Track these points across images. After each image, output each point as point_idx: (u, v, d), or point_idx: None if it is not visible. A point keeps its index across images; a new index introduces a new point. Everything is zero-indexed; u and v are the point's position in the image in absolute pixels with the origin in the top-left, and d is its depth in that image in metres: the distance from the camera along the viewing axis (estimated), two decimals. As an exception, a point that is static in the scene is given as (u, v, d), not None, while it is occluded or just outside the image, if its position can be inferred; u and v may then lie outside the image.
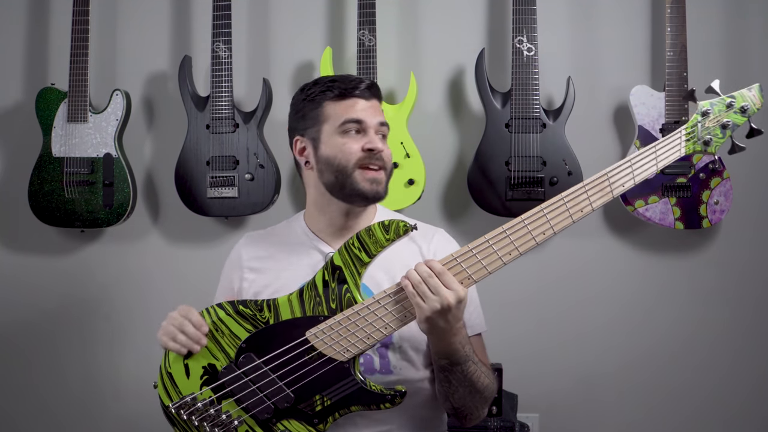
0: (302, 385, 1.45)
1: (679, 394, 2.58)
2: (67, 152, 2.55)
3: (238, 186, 2.49)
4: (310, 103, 1.65)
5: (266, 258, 1.72)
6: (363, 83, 1.63)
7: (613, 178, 1.42)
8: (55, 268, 2.73)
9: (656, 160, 1.44)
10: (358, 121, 1.60)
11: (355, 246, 1.46)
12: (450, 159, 2.62)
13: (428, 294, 1.39)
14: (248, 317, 1.50)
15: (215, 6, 2.50)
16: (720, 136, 1.47)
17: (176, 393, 1.51)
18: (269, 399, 1.47)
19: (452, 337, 1.44)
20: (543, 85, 2.49)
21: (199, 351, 1.50)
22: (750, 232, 2.56)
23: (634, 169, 1.42)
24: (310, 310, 1.47)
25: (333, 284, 1.47)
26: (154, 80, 2.71)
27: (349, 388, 1.45)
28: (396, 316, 1.44)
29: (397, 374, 1.60)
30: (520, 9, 2.41)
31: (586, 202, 1.41)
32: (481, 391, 1.54)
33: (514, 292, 2.57)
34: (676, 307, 2.58)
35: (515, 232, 1.41)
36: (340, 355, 1.45)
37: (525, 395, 2.44)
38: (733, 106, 1.46)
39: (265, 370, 1.47)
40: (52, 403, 2.74)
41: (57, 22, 2.71)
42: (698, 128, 1.46)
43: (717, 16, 2.55)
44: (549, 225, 1.40)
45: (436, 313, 1.39)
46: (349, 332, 1.44)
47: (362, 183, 1.59)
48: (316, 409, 1.46)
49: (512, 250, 1.41)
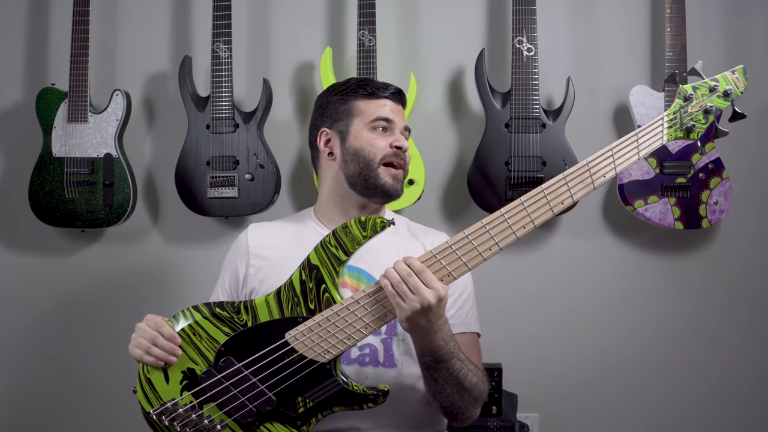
0: (284, 388, 1.44)
1: (678, 394, 2.58)
2: (67, 152, 2.55)
3: (238, 186, 2.49)
4: (340, 99, 1.73)
5: (272, 247, 1.73)
6: (393, 87, 1.74)
7: (594, 168, 1.37)
8: (55, 268, 2.73)
9: (638, 148, 1.39)
10: (387, 119, 1.68)
11: (332, 244, 1.44)
12: (450, 159, 2.62)
13: (408, 294, 1.37)
14: (225, 320, 1.48)
15: (215, 6, 2.50)
16: (703, 122, 1.42)
17: (156, 399, 1.49)
18: (251, 403, 1.45)
19: (434, 334, 1.43)
20: (543, 85, 2.49)
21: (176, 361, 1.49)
22: (750, 232, 2.56)
23: (615, 158, 1.38)
24: (288, 312, 1.45)
25: (311, 284, 1.45)
26: (154, 80, 2.71)
27: (332, 389, 1.43)
28: (376, 315, 1.42)
29: (400, 368, 1.61)
30: (520, 9, 2.41)
31: (567, 194, 1.36)
32: (469, 389, 1.53)
33: (514, 292, 2.57)
34: (676, 307, 2.58)
35: (495, 227, 1.37)
36: (321, 357, 1.43)
37: (525, 395, 2.45)
38: (717, 89, 1.42)
39: (245, 374, 1.45)
40: (52, 403, 2.74)
41: (57, 22, 2.71)
42: (680, 114, 1.42)
43: (717, 16, 2.55)
44: (529, 219, 1.37)
45: (417, 313, 1.37)
46: (329, 333, 1.42)
47: (385, 178, 1.65)
48: (299, 411, 1.45)
49: (492, 246, 1.37)
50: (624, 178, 2.42)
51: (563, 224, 2.57)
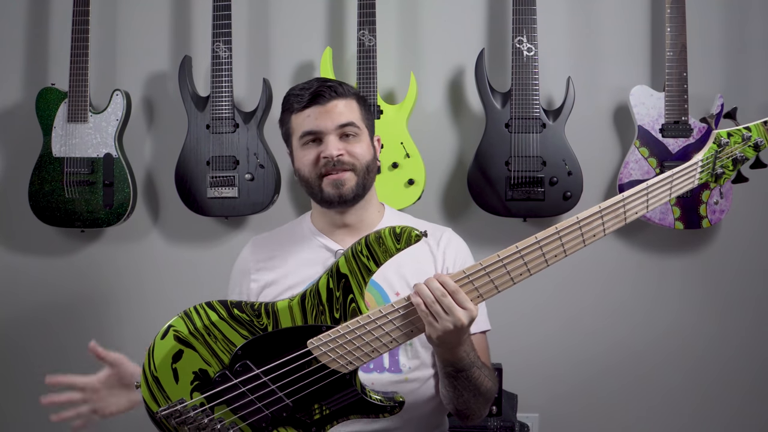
0: (302, 396, 1.42)
1: (678, 394, 2.58)
2: (67, 152, 2.55)
3: (238, 186, 2.49)
4: (282, 119, 1.71)
5: (272, 258, 1.74)
6: (311, 90, 1.63)
7: (628, 206, 1.40)
8: (55, 268, 2.73)
9: (671, 190, 1.42)
10: (310, 132, 1.63)
11: (363, 254, 1.39)
12: (450, 159, 2.62)
13: (442, 314, 1.35)
14: (244, 323, 1.43)
15: (215, 6, 2.50)
16: (731, 169, 1.46)
17: (164, 398, 1.44)
18: (267, 408, 1.42)
19: (459, 347, 1.43)
20: (543, 85, 2.49)
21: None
22: (750, 232, 2.56)
23: (649, 198, 1.41)
24: (312, 319, 1.41)
25: (338, 293, 1.41)
26: (154, 80, 2.71)
27: (350, 399, 1.42)
28: (403, 331, 1.40)
29: (406, 373, 1.62)
30: (520, 9, 2.41)
31: (600, 228, 1.39)
32: (484, 393, 1.55)
33: (514, 292, 2.54)
34: (676, 307, 2.58)
35: (529, 253, 1.38)
36: (344, 368, 1.41)
37: (525, 395, 2.45)
38: (749, 140, 1.45)
39: (264, 381, 1.42)
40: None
41: (57, 22, 2.71)
42: (713, 160, 1.44)
43: (717, 16, 2.55)
44: (562, 249, 1.39)
45: (448, 332, 1.36)
46: (353, 345, 1.40)
47: (327, 188, 1.62)
48: (315, 417, 1.43)
49: (524, 272, 1.39)
50: (624, 178, 2.42)
51: (563, 224, 2.57)
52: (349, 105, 1.66)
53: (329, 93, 1.63)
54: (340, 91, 1.64)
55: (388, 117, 2.47)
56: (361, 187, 1.64)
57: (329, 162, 1.61)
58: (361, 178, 1.64)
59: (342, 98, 1.64)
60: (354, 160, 1.63)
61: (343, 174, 1.62)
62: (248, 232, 2.64)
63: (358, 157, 1.64)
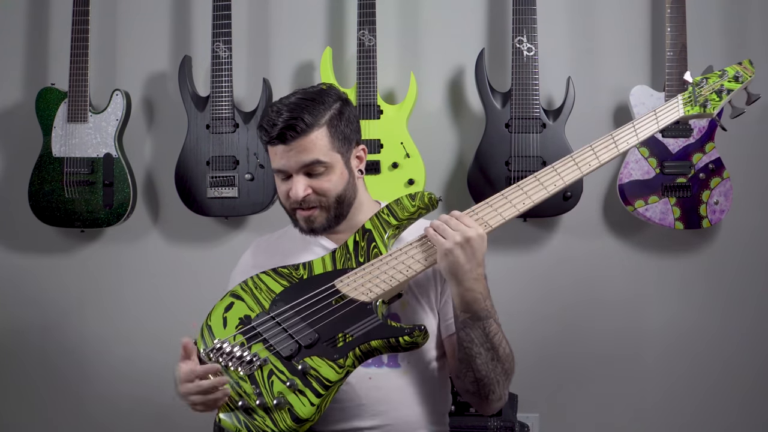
0: (326, 324, 1.53)
1: (678, 394, 2.58)
2: (67, 152, 2.55)
3: (238, 186, 2.49)
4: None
5: (272, 259, 1.73)
6: (278, 126, 1.57)
7: (618, 137, 1.58)
8: (55, 268, 2.73)
9: (657, 122, 1.57)
10: (279, 170, 1.63)
11: (384, 213, 1.61)
12: (450, 159, 2.62)
13: (448, 231, 1.50)
14: (285, 275, 1.60)
15: (215, 6, 2.50)
16: (717, 99, 1.57)
17: (212, 341, 1.57)
18: (294, 337, 1.52)
19: (473, 281, 1.49)
20: (543, 85, 2.49)
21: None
22: (750, 232, 2.56)
23: (637, 129, 1.58)
24: (340, 265, 1.59)
25: (362, 243, 1.60)
26: (154, 80, 2.71)
27: (371, 325, 1.51)
28: (417, 258, 1.54)
29: (404, 368, 1.62)
30: (520, 9, 2.41)
31: (593, 157, 1.57)
32: (503, 359, 1.55)
33: (514, 292, 2.57)
34: (676, 307, 2.58)
35: (529, 184, 1.56)
36: (364, 296, 1.52)
37: (525, 395, 2.44)
38: (726, 75, 1.57)
39: (291, 313, 1.54)
40: (51, 402, 2.74)
41: (57, 22, 2.71)
42: (693, 95, 1.57)
43: (717, 16, 2.55)
44: (559, 177, 1.56)
45: (456, 245, 1.48)
46: (372, 276, 1.54)
47: (300, 221, 1.66)
48: (338, 345, 1.51)
49: (525, 199, 1.55)
50: (624, 178, 2.42)
51: (563, 224, 2.57)
52: (315, 140, 1.58)
53: (291, 133, 1.57)
54: (302, 128, 1.56)
55: (388, 117, 2.47)
56: (333, 218, 1.64)
57: (296, 201, 1.62)
58: (332, 211, 1.63)
59: (305, 135, 1.57)
60: (321, 197, 1.62)
61: (312, 211, 1.63)
62: (248, 232, 2.64)
63: (326, 192, 1.61)
